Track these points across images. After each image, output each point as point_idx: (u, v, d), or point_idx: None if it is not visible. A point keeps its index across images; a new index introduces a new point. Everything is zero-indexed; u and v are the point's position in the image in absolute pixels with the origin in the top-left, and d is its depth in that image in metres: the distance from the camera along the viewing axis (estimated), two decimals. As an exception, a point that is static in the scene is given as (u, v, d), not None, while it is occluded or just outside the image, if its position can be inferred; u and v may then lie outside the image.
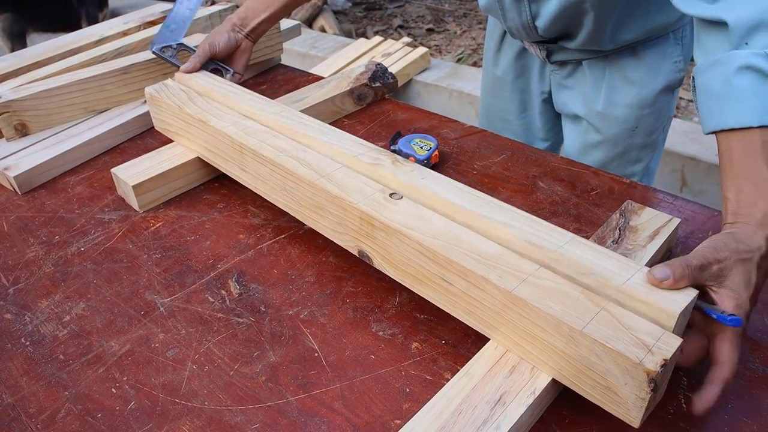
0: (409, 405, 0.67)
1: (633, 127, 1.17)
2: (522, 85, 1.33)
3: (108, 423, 0.67)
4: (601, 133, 1.20)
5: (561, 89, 1.26)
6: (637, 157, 1.23)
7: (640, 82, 1.13)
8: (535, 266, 0.63)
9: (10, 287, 0.86)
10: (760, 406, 0.65)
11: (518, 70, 1.31)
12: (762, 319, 0.75)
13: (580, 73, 1.19)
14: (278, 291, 0.83)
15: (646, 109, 1.15)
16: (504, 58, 1.32)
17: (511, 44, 1.29)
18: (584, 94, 1.20)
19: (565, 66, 1.21)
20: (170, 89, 1.06)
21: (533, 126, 1.38)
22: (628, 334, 0.55)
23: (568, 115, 1.28)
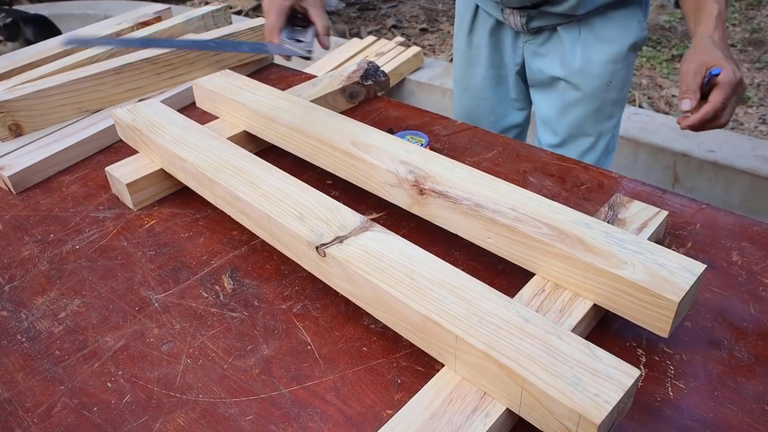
0: (400, 395, 0.68)
1: (608, 82, 1.30)
2: (497, 60, 1.42)
3: (104, 416, 0.68)
4: (579, 90, 1.31)
5: (535, 57, 1.35)
6: (611, 112, 1.35)
7: (611, 40, 1.26)
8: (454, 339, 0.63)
9: (5, 285, 0.87)
10: (745, 392, 0.67)
11: (492, 45, 1.40)
12: (748, 309, 0.76)
13: (555, 38, 1.30)
14: (271, 286, 0.84)
15: (618, 63, 1.28)
16: (477, 37, 1.41)
17: (484, 22, 1.38)
18: (561, 55, 1.30)
19: (539, 34, 1.31)
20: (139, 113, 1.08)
21: (508, 98, 1.48)
22: (553, 419, 0.56)
23: (543, 81, 1.37)
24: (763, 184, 2.13)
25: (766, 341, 0.72)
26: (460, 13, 1.44)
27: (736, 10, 4.38)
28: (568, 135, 1.39)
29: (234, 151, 0.93)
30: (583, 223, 0.74)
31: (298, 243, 0.76)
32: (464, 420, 0.59)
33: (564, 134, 1.39)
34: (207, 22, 1.59)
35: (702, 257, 0.84)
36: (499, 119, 1.51)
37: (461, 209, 0.78)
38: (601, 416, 0.52)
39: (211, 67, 1.37)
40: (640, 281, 0.65)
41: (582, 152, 1.39)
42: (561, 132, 1.39)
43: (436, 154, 0.89)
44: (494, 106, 1.48)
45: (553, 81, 1.35)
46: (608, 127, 1.37)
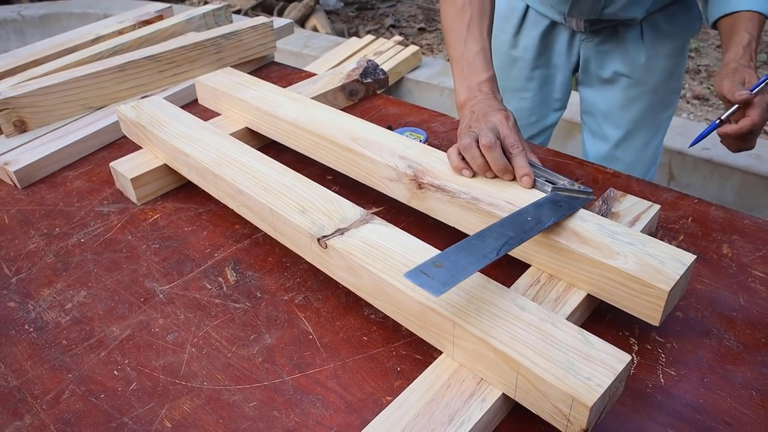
0: (400, 383, 0.70)
1: (670, 74, 1.32)
2: (543, 61, 1.40)
3: (111, 403, 0.69)
4: (643, 85, 1.32)
5: (595, 55, 1.34)
6: (671, 101, 1.37)
7: (673, 35, 1.27)
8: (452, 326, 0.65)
9: (12, 277, 0.89)
10: (734, 379, 0.69)
11: (541, 47, 1.37)
12: (737, 299, 0.79)
13: (616, 35, 1.29)
14: (273, 278, 0.86)
15: (680, 56, 1.31)
16: (525, 38, 1.37)
17: (536, 23, 1.35)
18: (623, 52, 1.29)
19: (598, 34, 1.30)
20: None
21: (550, 99, 1.46)
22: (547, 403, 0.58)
23: (603, 77, 1.35)
24: (757, 181, 2.16)
25: (754, 330, 0.74)
26: (502, 14, 1.38)
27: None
28: (632, 127, 1.38)
29: (236, 147, 0.95)
30: (578, 215, 0.76)
31: (300, 235, 0.78)
32: (462, 404, 0.61)
33: (627, 127, 1.38)
34: (208, 20, 1.61)
35: (693, 250, 0.86)
36: (540, 120, 1.49)
37: (459, 203, 0.80)
38: (593, 399, 0.54)
39: (213, 65, 1.39)
40: (632, 271, 0.67)
41: (645, 143, 1.39)
42: (624, 125, 1.38)
43: (433, 149, 0.91)
44: (536, 106, 1.46)
45: (615, 77, 1.34)
46: (668, 114, 1.39)
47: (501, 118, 0.86)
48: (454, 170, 0.85)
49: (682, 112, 3.18)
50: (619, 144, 1.40)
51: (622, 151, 1.40)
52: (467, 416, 0.59)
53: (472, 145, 0.83)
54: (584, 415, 0.55)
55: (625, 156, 1.41)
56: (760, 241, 0.88)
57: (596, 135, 1.44)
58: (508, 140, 0.84)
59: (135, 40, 1.44)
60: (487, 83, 0.95)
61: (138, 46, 1.44)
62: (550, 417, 0.58)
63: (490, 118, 0.87)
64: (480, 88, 0.94)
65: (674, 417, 0.65)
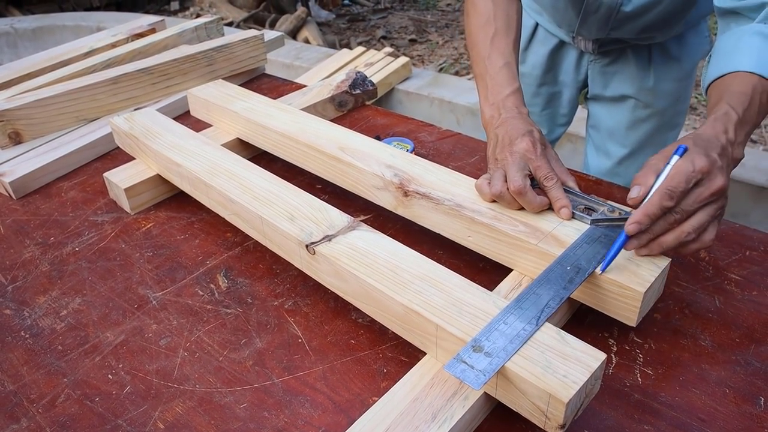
0: (386, 384, 0.72)
1: (677, 98, 1.31)
2: (550, 78, 1.41)
3: (105, 406, 0.71)
4: (650, 107, 1.31)
5: (602, 75, 1.34)
6: (676, 122, 1.36)
7: (681, 59, 1.27)
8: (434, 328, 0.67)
9: (8, 285, 0.91)
10: (708, 377, 0.71)
11: (549, 65, 1.38)
12: (713, 301, 0.81)
13: (624, 58, 1.29)
14: (264, 284, 0.88)
15: (687, 79, 1.31)
16: (533, 56, 1.39)
17: (545, 41, 1.36)
18: (632, 74, 1.29)
19: (607, 56, 1.30)
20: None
21: (557, 115, 1.47)
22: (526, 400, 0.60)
23: (611, 97, 1.36)
24: (741, 188, 2.19)
25: (729, 330, 0.77)
26: None
27: (719, 21, 4.46)
28: (637, 147, 1.38)
29: (228, 157, 0.97)
30: (557, 221, 0.79)
31: (289, 242, 0.81)
32: (444, 403, 0.63)
33: (632, 146, 1.38)
34: (200, 33, 1.63)
35: (671, 253, 0.89)
36: (545, 135, 1.44)
37: (443, 209, 0.83)
38: (569, 395, 0.57)
39: (205, 77, 1.42)
40: (609, 274, 0.70)
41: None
42: (629, 144, 1.38)
43: (419, 158, 0.93)
44: (542, 122, 1.48)
45: (623, 98, 1.34)
46: (674, 135, 1.39)
47: (528, 146, 0.82)
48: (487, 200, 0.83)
49: (670, 121, 3.22)
50: (622, 162, 1.40)
51: (624, 168, 1.41)
52: (450, 414, 0.62)
53: (503, 193, 0.80)
54: (561, 411, 0.57)
55: (627, 173, 1.40)
56: (737, 245, 0.91)
57: (600, 150, 1.43)
58: (540, 172, 0.81)
59: (128, 53, 1.47)
60: (511, 98, 0.91)
61: (131, 59, 1.46)
62: (529, 414, 0.61)
63: (516, 148, 0.82)
64: (504, 104, 0.91)
65: (651, 414, 0.67)
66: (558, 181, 0.81)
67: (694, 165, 0.70)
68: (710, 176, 0.71)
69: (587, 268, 0.71)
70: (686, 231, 0.71)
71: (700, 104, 3.37)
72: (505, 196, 0.80)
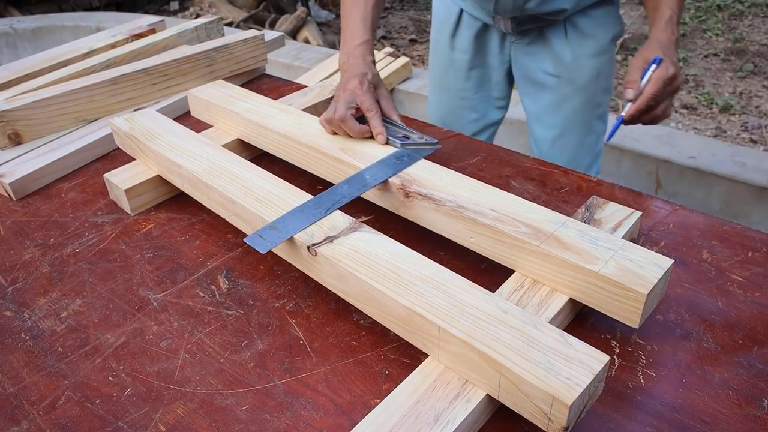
0: (388, 385, 0.72)
1: (597, 73, 1.41)
2: (480, 61, 1.50)
3: (106, 408, 0.71)
4: (573, 83, 1.41)
5: (524, 56, 1.44)
6: (601, 100, 1.46)
7: (595, 35, 1.37)
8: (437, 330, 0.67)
9: (8, 287, 0.90)
10: (711, 380, 0.71)
11: (476, 48, 1.48)
12: (716, 302, 0.81)
13: (542, 38, 1.39)
14: (265, 285, 0.88)
15: (604, 55, 1.40)
16: (461, 41, 1.48)
17: (469, 26, 1.45)
18: (551, 52, 1.40)
19: (527, 34, 1.40)
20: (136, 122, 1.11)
21: (491, 97, 1.56)
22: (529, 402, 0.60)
23: (535, 78, 1.45)
24: (743, 189, 2.19)
25: (731, 332, 0.77)
26: (440, 18, 1.51)
27: (719, 20, 4.46)
28: (566, 126, 1.46)
29: (228, 158, 0.97)
30: (560, 222, 0.78)
31: (290, 243, 0.80)
32: (447, 405, 0.63)
33: (561, 126, 1.47)
34: (200, 34, 1.63)
35: (674, 255, 0.89)
36: (481, 117, 1.58)
37: (445, 210, 0.82)
38: (572, 398, 0.56)
39: (205, 78, 1.41)
40: (612, 275, 0.70)
41: (580, 140, 1.48)
42: (558, 124, 1.47)
43: (421, 159, 0.93)
44: (476, 104, 1.56)
45: (546, 77, 1.43)
46: (598, 113, 1.47)
47: (356, 85, 1.01)
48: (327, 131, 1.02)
49: (670, 122, 3.22)
50: (554, 143, 1.49)
51: (559, 150, 1.50)
52: (452, 416, 0.61)
53: (332, 119, 0.99)
54: (564, 414, 0.57)
55: (563, 155, 1.50)
56: (739, 247, 0.90)
57: (535, 135, 1.54)
58: (363, 105, 1.00)
59: (128, 53, 1.46)
60: (360, 47, 1.09)
61: (131, 60, 1.46)
62: (532, 416, 0.60)
63: (348, 86, 1.02)
64: (353, 52, 1.08)
65: (654, 416, 0.67)
66: (378, 113, 1.00)
67: (668, 72, 1.03)
68: (675, 79, 1.04)
69: (382, 177, 0.89)
70: (657, 113, 1.06)
71: (700, 104, 3.38)
72: (333, 122, 0.99)
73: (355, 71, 1.04)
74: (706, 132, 3.12)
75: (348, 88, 1.02)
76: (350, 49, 1.09)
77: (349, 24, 1.12)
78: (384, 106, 1.03)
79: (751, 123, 3.16)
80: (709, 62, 3.88)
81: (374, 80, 1.04)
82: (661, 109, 1.06)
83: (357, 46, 1.09)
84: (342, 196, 0.86)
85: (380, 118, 1.00)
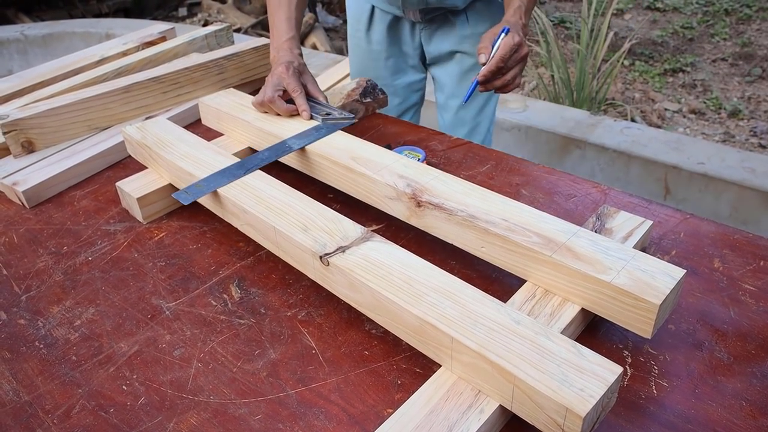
0: (400, 395, 0.72)
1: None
2: (395, 50, 1.63)
3: (120, 417, 0.72)
4: (473, 56, 1.55)
5: (432, 40, 1.58)
6: None
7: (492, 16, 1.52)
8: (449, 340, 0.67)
9: (22, 295, 0.91)
10: (724, 390, 0.71)
11: (390, 38, 1.60)
12: (728, 312, 0.81)
13: (447, 22, 1.54)
14: (277, 294, 0.88)
15: None
16: (375, 33, 1.60)
17: (381, 19, 1.59)
18: (454, 32, 1.54)
19: (434, 21, 1.54)
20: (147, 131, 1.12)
21: (407, 82, 1.69)
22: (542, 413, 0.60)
23: (442, 56, 1.60)
24: (752, 195, 2.18)
25: (744, 342, 0.77)
26: (354, 15, 1.65)
27: (727, 25, 4.46)
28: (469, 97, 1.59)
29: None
30: (571, 232, 0.78)
31: (302, 253, 0.81)
32: (460, 416, 0.63)
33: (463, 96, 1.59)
34: (210, 41, 1.64)
35: (685, 264, 0.89)
36: (403, 102, 1.71)
37: (456, 220, 0.83)
38: (586, 409, 0.56)
39: (215, 86, 1.42)
40: (624, 286, 0.70)
41: (480, 108, 1.62)
42: (462, 94, 1.60)
43: (432, 168, 0.93)
44: (397, 90, 1.68)
45: (451, 54, 1.58)
46: None
47: (283, 70, 1.15)
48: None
49: (678, 127, 3.22)
50: (458, 111, 1.63)
51: (462, 117, 1.64)
52: (465, 427, 0.62)
53: (262, 101, 1.13)
54: (578, 425, 0.57)
55: (465, 121, 1.64)
56: (751, 256, 0.90)
57: (442, 107, 1.69)
58: (289, 87, 1.14)
59: (139, 61, 1.47)
60: (287, 42, 1.22)
61: (142, 68, 1.47)
62: (546, 427, 0.60)
63: (275, 72, 1.16)
64: (281, 46, 1.22)
65: (666, 427, 0.67)
66: (302, 93, 1.15)
67: (514, 40, 1.12)
68: (521, 47, 1.14)
69: (300, 144, 1.03)
70: (508, 78, 1.15)
71: (708, 109, 3.37)
72: (264, 104, 1.14)
73: (282, 60, 1.18)
74: (714, 137, 3.11)
75: (275, 74, 1.16)
76: (278, 45, 1.23)
77: (276, 23, 1.25)
78: (310, 89, 1.19)
79: (759, 128, 3.15)
80: (716, 67, 3.88)
81: (300, 67, 1.19)
82: (511, 76, 1.15)
83: (284, 42, 1.22)
84: (262, 160, 1.00)
85: (304, 98, 1.15)
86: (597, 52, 3.03)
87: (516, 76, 1.17)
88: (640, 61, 3.95)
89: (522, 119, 2.64)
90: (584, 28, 3.08)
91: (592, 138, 2.48)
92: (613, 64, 3.08)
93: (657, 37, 4.33)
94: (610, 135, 2.49)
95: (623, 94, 3.59)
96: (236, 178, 0.94)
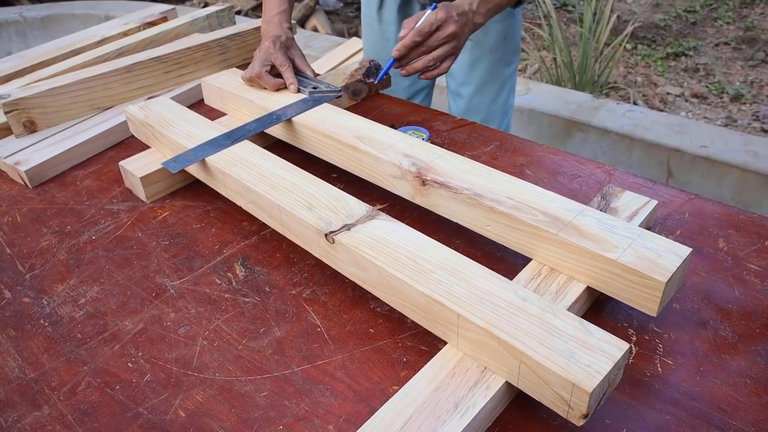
0: (406, 372, 0.72)
1: (505, 35, 1.53)
2: None
3: (126, 394, 0.72)
4: (484, 45, 1.53)
5: None
6: (510, 60, 1.59)
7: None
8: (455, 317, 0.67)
9: (26, 273, 0.91)
10: (729, 368, 0.71)
11: (401, 18, 1.58)
12: (733, 291, 0.81)
13: None
14: (281, 273, 0.88)
15: (509, 20, 1.52)
16: (387, 13, 1.59)
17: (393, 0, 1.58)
18: None
19: None
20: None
21: None
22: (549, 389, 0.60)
23: None
24: (754, 178, 2.18)
25: (749, 321, 0.77)
26: None
27: (730, 9, 4.43)
28: (481, 83, 1.60)
29: (243, 146, 0.97)
30: (577, 210, 0.78)
31: (307, 231, 0.81)
32: (466, 392, 0.63)
33: (476, 83, 1.60)
34: (212, 22, 1.63)
35: (690, 244, 0.88)
36: (413, 84, 1.70)
37: (461, 199, 0.82)
38: (593, 385, 0.56)
39: (218, 66, 1.41)
40: (630, 263, 0.70)
41: (494, 96, 1.62)
42: (473, 82, 1.60)
43: (436, 147, 0.93)
44: None
45: None
46: (509, 72, 1.61)
47: (270, 45, 1.16)
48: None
49: (681, 111, 3.20)
50: (472, 99, 1.62)
51: (476, 105, 1.62)
52: (472, 403, 0.62)
53: (251, 76, 1.15)
54: (584, 401, 0.57)
55: (480, 109, 1.63)
56: (755, 236, 0.90)
57: (454, 93, 1.66)
58: (276, 62, 1.15)
59: (140, 41, 1.46)
60: (277, 16, 1.24)
61: (143, 48, 1.46)
62: (552, 403, 0.61)
63: (262, 46, 1.17)
64: (271, 20, 1.23)
65: (671, 404, 0.67)
66: (289, 67, 1.16)
67: (437, 15, 1.07)
68: (446, 24, 1.08)
69: (287, 115, 1.05)
70: (429, 59, 1.10)
71: (711, 93, 3.35)
72: (252, 79, 1.15)
73: (270, 35, 1.19)
74: (716, 121, 3.10)
75: (262, 48, 1.17)
76: (269, 18, 1.24)
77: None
78: (298, 63, 1.20)
79: (762, 112, 3.14)
80: (719, 51, 3.85)
81: (287, 42, 1.20)
82: (433, 57, 1.10)
83: (275, 15, 1.23)
84: (248, 131, 1.02)
85: (292, 72, 1.16)
86: (600, 35, 3.01)
87: (441, 59, 1.11)
88: (642, 45, 3.92)
89: (524, 102, 2.62)
90: (587, 11, 3.06)
91: (594, 121, 2.47)
92: (615, 47, 3.06)
93: (660, 20, 4.30)
94: (612, 118, 2.48)
95: (625, 77, 3.57)
96: (224, 147, 0.96)
